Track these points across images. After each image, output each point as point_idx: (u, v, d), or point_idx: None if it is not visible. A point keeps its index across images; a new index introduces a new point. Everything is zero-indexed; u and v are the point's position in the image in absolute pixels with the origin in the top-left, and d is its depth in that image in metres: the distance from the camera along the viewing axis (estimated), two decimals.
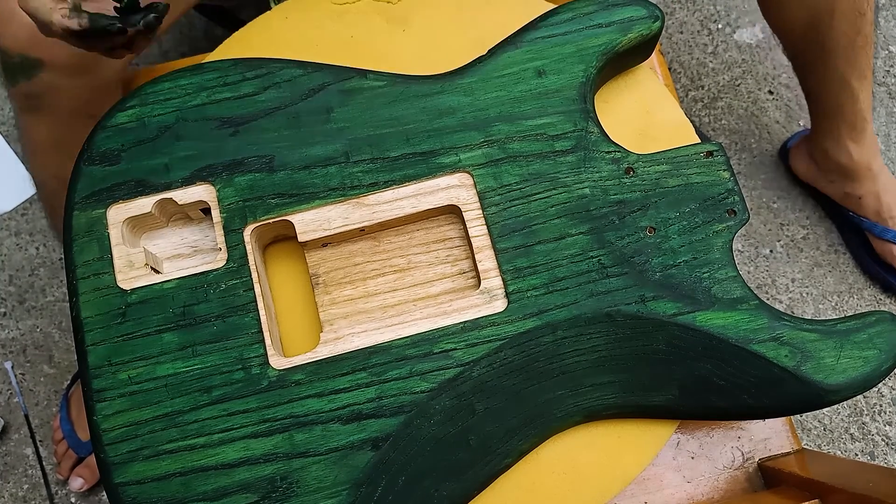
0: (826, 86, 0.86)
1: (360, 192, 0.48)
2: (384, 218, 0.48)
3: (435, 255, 0.49)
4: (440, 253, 0.49)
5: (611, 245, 0.46)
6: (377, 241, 0.49)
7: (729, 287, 0.45)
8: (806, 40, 0.81)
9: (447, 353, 0.44)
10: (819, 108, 0.90)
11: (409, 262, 0.49)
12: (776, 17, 0.82)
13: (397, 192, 0.48)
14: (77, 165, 0.48)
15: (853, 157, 0.93)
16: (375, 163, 0.48)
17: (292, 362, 0.45)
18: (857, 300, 1.02)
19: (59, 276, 1.06)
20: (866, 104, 0.87)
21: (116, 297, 0.46)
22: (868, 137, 0.91)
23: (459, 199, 0.48)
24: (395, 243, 0.49)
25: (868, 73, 0.83)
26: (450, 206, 0.48)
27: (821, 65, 0.83)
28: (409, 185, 0.48)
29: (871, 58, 0.82)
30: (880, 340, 0.44)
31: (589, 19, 0.49)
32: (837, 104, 0.87)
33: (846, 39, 0.78)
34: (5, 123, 1.14)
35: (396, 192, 0.48)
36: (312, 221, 0.47)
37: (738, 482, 0.50)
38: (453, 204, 0.48)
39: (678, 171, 0.48)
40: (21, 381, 1.02)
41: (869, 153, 0.93)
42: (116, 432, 0.43)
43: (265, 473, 0.43)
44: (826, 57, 0.81)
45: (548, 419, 0.45)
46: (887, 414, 0.97)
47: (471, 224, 0.47)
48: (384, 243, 0.49)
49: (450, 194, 0.48)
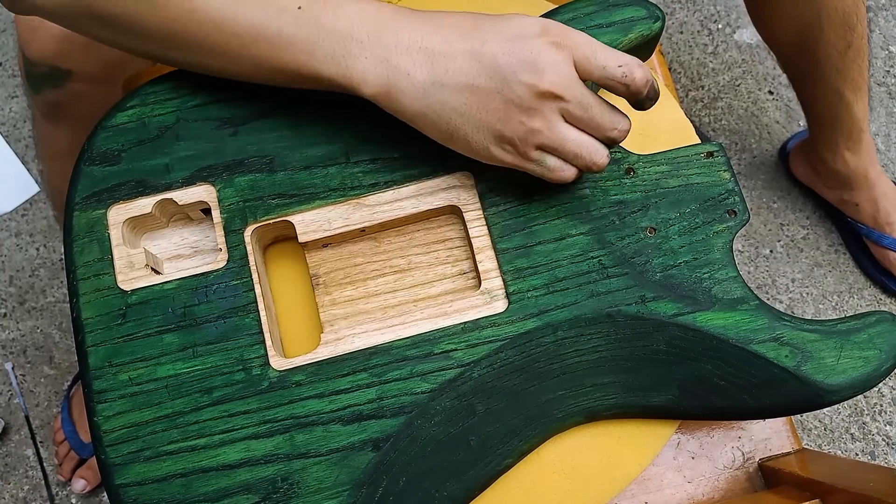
0: (819, 97, 0.86)
1: (361, 192, 0.48)
2: (385, 218, 0.48)
3: (435, 256, 0.49)
4: (441, 253, 0.49)
5: (611, 245, 0.46)
6: (378, 241, 0.49)
7: (729, 287, 0.45)
8: (797, 54, 0.81)
9: (448, 354, 0.44)
10: (814, 118, 0.91)
11: (409, 263, 0.49)
12: (766, 31, 0.82)
13: (398, 193, 0.48)
14: (77, 166, 0.48)
15: (850, 166, 0.93)
16: (376, 163, 0.48)
17: (293, 363, 0.45)
18: (857, 300, 1.02)
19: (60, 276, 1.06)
20: (862, 114, 0.87)
21: (117, 297, 0.46)
22: (865, 146, 0.91)
23: (460, 199, 0.48)
24: (396, 244, 0.49)
25: (862, 84, 0.83)
26: (450, 207, 0.48)
27: (813, 77, 0.83)
28: (409, 186, 0.48)
29: (866, 69, 0.82)
30: (881, 340, 0.44)
31: (589, 19, 0.49)
32: (832, 114, 0.87)
33: (836, 53, 0.78)
34: (5, 123, 1.14)
35: (397, 192, 0.48)
36: (313, 222, 0.47)
37: (739, 482, 0.50)
38: (454, 204, 0.48)
39: (678, 172, 0.48)
40: (21, 381, 1.02)
41: (866, 161, 0.93)
42: (117, 433, 0.43)
43: (266, 474, 0.43)
44: (817, 70, 0.81)
45: (548, 419, 0.45)
46: (888, 414, 0.97)
47: (471, 224, 0.47)
48: (385, 244, 0.49)
49: (450, 195, 0.48)
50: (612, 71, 0.41)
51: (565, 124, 0.42)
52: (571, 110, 0.41)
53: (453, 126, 0.42)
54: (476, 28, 0.42)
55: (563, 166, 0.43)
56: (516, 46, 0.41)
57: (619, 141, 0.44)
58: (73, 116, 0.68)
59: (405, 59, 0.42)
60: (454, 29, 0.42)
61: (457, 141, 0.43)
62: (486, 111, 0.42)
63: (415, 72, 0.42)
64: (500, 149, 0.43)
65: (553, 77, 0.41)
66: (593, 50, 0.41)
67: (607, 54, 0.41)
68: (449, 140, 0.44)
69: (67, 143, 0.71)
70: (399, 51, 0.42)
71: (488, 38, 0.41)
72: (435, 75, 0.41)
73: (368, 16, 0.43)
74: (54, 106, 0.68)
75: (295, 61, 0.43)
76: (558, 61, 0.41)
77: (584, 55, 0.41)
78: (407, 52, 0.42)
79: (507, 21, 0.42)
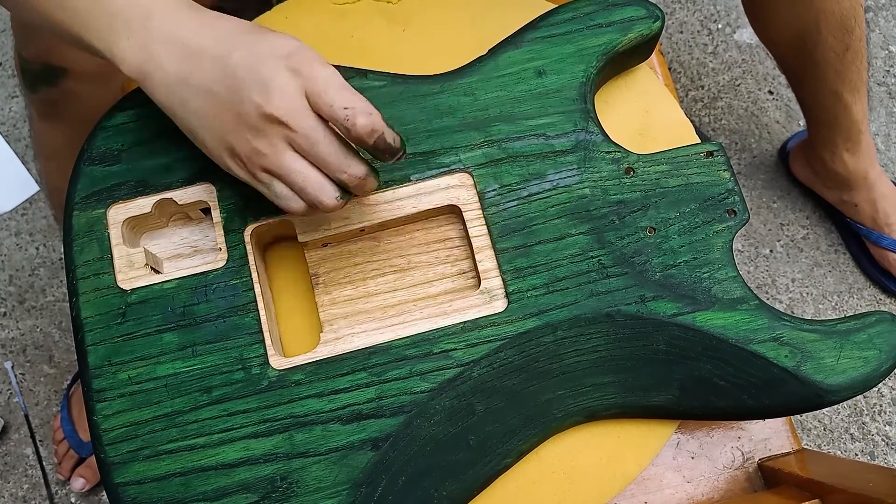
0: (818, 99, 0.86)
1: None
2: (384, 218, 0.48)
3: (435, 255, 0.49)
4: (440, 253, 0.49)
5: (611, 245, 0.46)
6: (377, 241, 0.49)
7: (729, 287, 0.45)
8: (795, 56, 0.81)
9: (447, 354, 0.44)
10: (813, 120, 0.91)
11: (409, 262, 0.49)
12: (764, 33, 0.82)
13: (397, 192, 0.48)
14: (77, 165, 0.48)
15: (848, 167, 0.93)
16: (375, 163, 0.48)
17: (292, 362, 0.45)
18: (857, 300, 1.02)
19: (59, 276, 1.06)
20: (861, 115, 0.86)
21: (116, 297, 0.46)
22: (864, 147, 0.91)
23: (459, 199, 0.48)
24: (396, 243, 0.49)
25: (861, 86, 0.83)
26: (450, 206, 0.48)
27: (811, 79, 0.83)
28: (409, 185, 0.48)
29: (864, 71, 0.82)
30: (880, 341, 0.44)
31: (589, 19, 0.49)
32: (831, 116, 0.87)
33: (834, 55, 0.78)
34: (5, 123, 1.14)
35: (396, 192, 0.48)
36: (313, 221, 0.47)
37: (738, 482, 0.50)
38: (453, 204, 0.48)
39: (678, 171, 0.48)
40: (21, 380, 1.02)
41: (865, 162, 0.93)
42: (116, 432, 0.43)
43: (265, 473, 0.43)
44: (815, 72, 0.81)
45: (548, 419, 0.45)
46: (887, 414, 0.97)
47: (471, 224, 0.47)
48: (384, 243, 0.49)
49: (450, 194, 0.48)
50: (336, 111, 0.40)
51: (293, 153, 0.41)
52: (298, 141, 0.40)
53: (192, 127, 0.42)
54: (237, 36, 0.41)
55: (290, 195, 0.42)
56: (257, 63, 0.40)
57: (350, 185, 0.42)
58: (69, 115, 0.68)
59: (162, 48, 0.41)
60: (218, 31, 0.41)
61: (198, 143, 0.43)
62: (220, 120, 0.41)
63: (167, 64, 0.41)
64: (232, 161, 0.42)
65: (279, 102, 0.39)
66: (327, 86, 0.40)
67: (339, 94, 0.40)
68: (193, 140, 0.43)
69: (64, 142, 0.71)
70: (160, 39, 0.41)
71: (240, 48, 0.40)
72: (182, 72, 0.41)
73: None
74: (50, 104, 0.68)
75: (79, 31, 0.43)
76: (289, 88, 0.40)
77: (316, 89, 0.40)
78: (166, 43, 0.41)
79: (266, 36, 0.41)
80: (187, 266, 0.47)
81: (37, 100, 0.69)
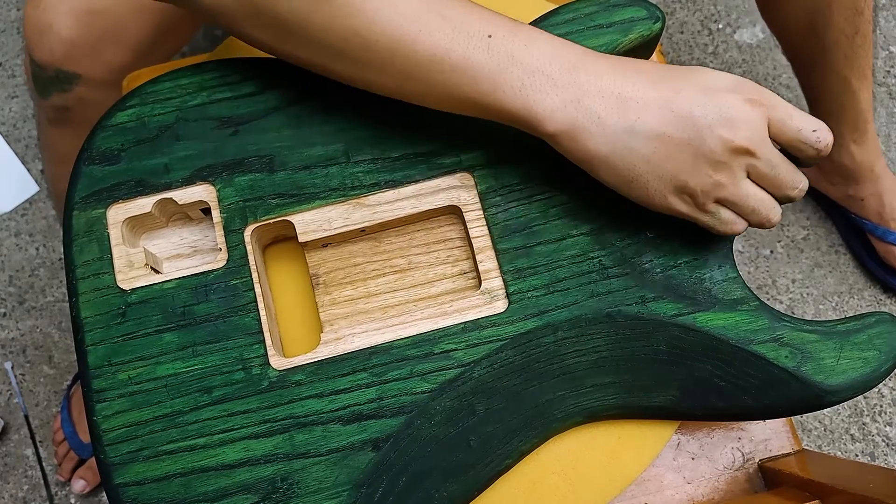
0: (826, 86, 0.86)
1: (361, 192, 0.48)
2: (385, 218, 0.48)
3: (435, 256, 0.49)
4: (441, 253, 0.49)
5: (612, 246, 0.46)
6: (378, 241, 0.49)
7: (729, 288, 0.45)
8: (804, 40, 0.81)
9: (448, 354, 0.44)
10: (820, 109, 0.91)
11: (409, 263, 0.49)
12: (774, 17, 0.82)
13: (398, 193, 0.48)
14: (77, 165, 0.48)
15: (855, 159, 0.93)
16: (376, 163, 0.48)
17: (293, 363, 0.45)
18: (857, 301, 1.02)
19: (59, 276, 1.06)
20: (867, 104, 0.87)
21: (116, 297, 0.46)
22: (870, 138, 0.91)
23: (460, 199, 0.48)
24: (396, 244, 0.49)
25: (868, 72, 0.83)
26: (451, 207, 0.48)
27: (820, 64, 0.83)
28: (409, 186, 0.48)
29: (871, 58, 0.82)
30: (880, 341, 0.44)
31: (590, 20, 0.49)
32: (838, 104, 0.87)
33: (844, 38, 0.78)
34: (5, 123, 1.14)
35: (397, 192, 0.48)
36: (313, 222, 0.47)
37: (739, 483, 0.50)
38: (454, 204, 0.48)
39: None
40: (21, 381, 1.02)
41: (871, 154, 0.93)
42: (116, 433, 0.43)
43: (266, 474, 0.43)
44: (825, 56, 0.81)
45: (548, 420, 0.45)
46: (887, 415, 0.97)
47: (471, 225, 0.47)
48: (385, 244, 0.49)
49: (451, 195, 0.48)
50: (806, 135, 0.42)
51: (748, 180, 0.42)
52: (759, 167, 0.42)
53: (636, 173, 0.42)
54: (666, 77, 0.42)
55: (736, 220, 0.43)
56: (711, 100, 0.41)
57: (796, 198, 0.44)
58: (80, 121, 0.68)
59: (597, 101, 0.41)
60: (644, 76, 0.42)
61: (634, 187, 0.43)
62: (674, 161, 0.41)
63: (606, 116, 0.41)
64: (677, 198, 0.42)
65: (747, 133, 0.40)
66: (789, 113, 0.41)
67: (802, 118, 0.42)
68: (626, 184, 0.43)
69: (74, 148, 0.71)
70: (591, 93, 0.41)
71: (682, 88, 0.41)
72: (627, 121, 0.41)
73: (560, 53, 0.42)
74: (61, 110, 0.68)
75: (476, 90, 0.42)
76: (753, 119, 0.41)
77: (780, 117, 0.41)
78: (599, 95, 0.41)
79: (697, 73, 0.42)
80: (187, 266, 0.47)
81: (48, 105, 0.69)
